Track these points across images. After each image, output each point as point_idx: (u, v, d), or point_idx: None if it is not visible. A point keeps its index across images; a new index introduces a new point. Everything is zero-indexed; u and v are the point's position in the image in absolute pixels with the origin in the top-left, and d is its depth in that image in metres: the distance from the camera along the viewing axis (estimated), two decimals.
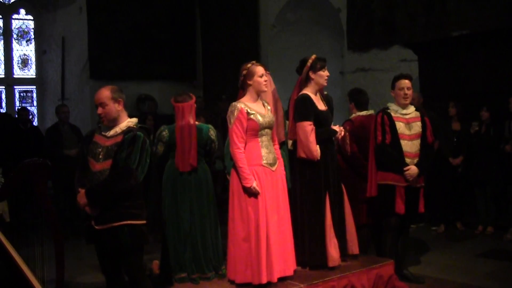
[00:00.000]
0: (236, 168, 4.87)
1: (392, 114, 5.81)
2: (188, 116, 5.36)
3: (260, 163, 4.90)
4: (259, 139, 4.93)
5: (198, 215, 5.36)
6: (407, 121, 5.81)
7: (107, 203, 4.15)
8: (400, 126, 5.76)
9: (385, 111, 5.86)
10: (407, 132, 5.77)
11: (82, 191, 4.18)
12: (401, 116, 5.81)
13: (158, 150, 5.40)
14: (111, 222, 4.15)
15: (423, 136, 5.84)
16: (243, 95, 5.04)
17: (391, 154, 5.72)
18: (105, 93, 4.27)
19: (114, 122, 4.31)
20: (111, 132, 4.27)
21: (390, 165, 5.74)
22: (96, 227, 4.17)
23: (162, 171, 5.48)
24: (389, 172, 5.76)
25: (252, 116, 4.86)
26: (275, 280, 4.80)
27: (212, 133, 5.58)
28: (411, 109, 5.89)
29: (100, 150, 4.23)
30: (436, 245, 7.68)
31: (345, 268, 5.36)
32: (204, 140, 5.46)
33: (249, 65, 4.98)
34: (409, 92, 5.82)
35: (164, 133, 5.41)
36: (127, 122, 4.32)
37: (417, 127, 5.82)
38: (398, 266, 5.85)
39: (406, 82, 5.82)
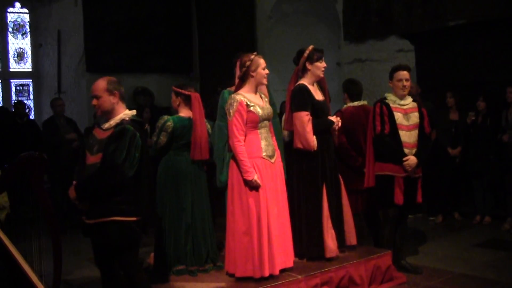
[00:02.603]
0: (237, 161, 4.83)
1: (390, 104, 5.80)
2: (201, 107, 5.40)
3: (260, 156, 4.87)
4: (259, 131, 4.90)
5: (198, 207, 5.36)
6: (405, 112, 5.80)
7: (94, 197, 4.10)
8: (398, 117, 5.76)
9: (383, 102, 5.85)
10: (405, 122, 5.77)
11: (73, 185, 4.17)
12: (399, 106, 5.81)
13: (160, 140, 5.32)
14: (100, 217, 4.09)
15: (420, 126, 5.84)
16: (241, 86, 4.98)
17: (390, 145, 5.72)
18: (101, 84, 4.21)
19: (109, 114, 4.23)
20: (106, 125, 4.20)
21: (389, 156, 5.74)
22: (86, 221, 4.15)
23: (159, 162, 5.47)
24: (387, 162, 5.75)
25: (251, 108, 4.82)
26: (277, 272, 4.80)
27: (209, 127, 5.58)
28: (409, 99, 5.89)
29: (94, 143, 4.18)
30: (434, 235, 7.69)
31: (342, 259, 5.37)
32: None
33: (252, 56, 4.93)
34: (407, 84, 5.82)
35: (169, 123, 5.32)
36: (123, 114, 4.22)
37: (414, 117, 5.82)
38: (396, 256, 5.86)
39: (404, 74, 5.81)
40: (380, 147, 5.80)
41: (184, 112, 5.44)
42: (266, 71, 4.94)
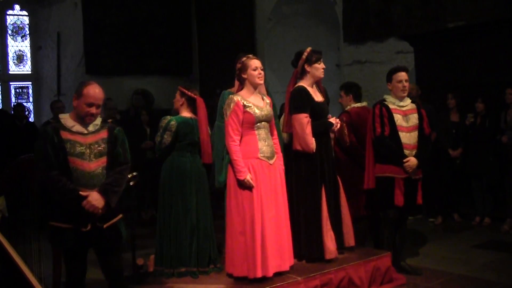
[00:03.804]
0: (231, 160, 4.86)
1: (390, 106, 5.81)
2: (205, 111, 5.42)
3: (256, 156, 4.88)
4: (256, 132, 4.91)
5: (202, 207, 5.37)
6: (404, 113, 5.81)
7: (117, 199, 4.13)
8: (398, 118, 5.76)
9: (382, 103, 5.85)
10: (404, 124, 5.77)
11: (93, 193, 3.96)
12: (398, 108, 5.81)
13: (165, 140, 5.32)
14: (113, 217, 4.14)
15: (420, 127, 5.84)
16: (241, 88, 5.04)
17: (391, 146, 5.72)
18: (102, 94, 4.12)
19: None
20: (90, 128, 4.11)
21: (390, 157, 5.74)
22: (105, 225, 4.07)
23: (161, 162, 5.47)
24: (388, 164, 5.75)
25: (248, 108, 4.85)
26: (270, 274, 4.78)
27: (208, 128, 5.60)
28: (408, 101, 5.90)
29: (83, 148, 4.03)
30: (434, 237, 7.70)
31: (342, 261, 5.36)
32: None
33: (244, 58, 5.00)
34: (407, 84, 5.84)
35: (172, 122, 5.33)
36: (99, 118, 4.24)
37: (414, 119, 5.83)
38: (396, 258, 5.86)
39: (403, 75, 5.83)
40: (380, 149, 5.80)
41: (186, 113, 5.45)
42: (258, 71, 4.93)
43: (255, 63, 4.93)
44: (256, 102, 4.94)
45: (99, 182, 4.02)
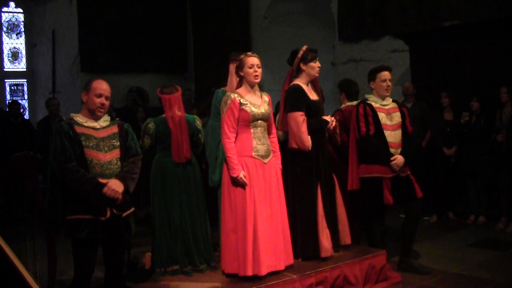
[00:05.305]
0: (225, 157, 4.86)
1: (373, 105, 5.81)
2: (175, 108, 5.36)
3: (250, 155, 4.87)
4: (252, 130, 4.89)
5: (188, 208, 5.33)
6: (388, 112, 5.82)
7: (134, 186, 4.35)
8: (382, 117, 5.77)
9: (366, 103, 5.85)
10: (389, 122, 5.78)
11: (112, 179, 4.17)
12: (381, 107, 5.82)
13: (144, 143, 5.34)
14: (129, 208, 4.35)
15: (403, 125, 5.85)
16: (239, 86, 5.02)
17: (376, 145, 5.72)
18: (109, 88, 4.38)
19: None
20: (101, 123, 4.35)
21: (376, 157, 5.73)
22: (124, 214, 4.27)
23: (148, 164, 5.44)
24: (374, 164, 5.75)
25: (244, 106, 4.84)
26: (262, 273, 4.74)
27: (198, 123, 5.56)
28: (389, 100, 5.92)
29: (97, 141, 4.24)
30: (428, 235, 7.69)
31: (337, 259, 5.36)
32: (191, 131, 5.44)
33: (242, 55, 4.98)
34: (391, 84, 5.86)
35: (150, 125, 5.35)
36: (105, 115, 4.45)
37: (397, 117, 5.84)
38: (405, 255, 5.94)
39: (387, 74, 5.86)
40: (366, 149, 5.78)
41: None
42: (254, 69, 4.90)
43: (252, 60, 4.91)
44: (253, 100, 4.93)
45: (114, 172, 4.25)
